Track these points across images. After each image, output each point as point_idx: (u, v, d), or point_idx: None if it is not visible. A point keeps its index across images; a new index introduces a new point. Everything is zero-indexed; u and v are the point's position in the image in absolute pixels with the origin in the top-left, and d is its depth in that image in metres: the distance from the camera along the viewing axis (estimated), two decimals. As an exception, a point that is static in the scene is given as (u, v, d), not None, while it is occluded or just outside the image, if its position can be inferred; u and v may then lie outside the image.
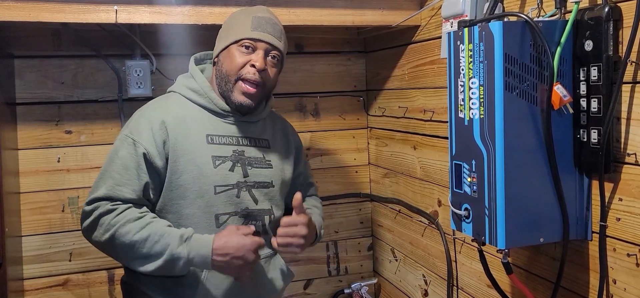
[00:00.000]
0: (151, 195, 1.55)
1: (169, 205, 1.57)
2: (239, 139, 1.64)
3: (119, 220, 1.47)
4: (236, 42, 1.59)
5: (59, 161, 2.21)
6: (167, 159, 1.54)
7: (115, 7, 1.74)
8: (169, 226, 1.52)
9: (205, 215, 1.57)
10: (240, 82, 1.58)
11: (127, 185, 1.51)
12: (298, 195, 1.58)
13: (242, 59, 1.58)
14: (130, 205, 1.51)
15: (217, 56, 1.64)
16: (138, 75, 2.13)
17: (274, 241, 1.58)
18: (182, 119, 1.58)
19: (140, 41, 2.14)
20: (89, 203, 1.52)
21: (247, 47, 1.58)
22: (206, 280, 1.56)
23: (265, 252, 1.65)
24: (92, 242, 1.54)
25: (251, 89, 1.58)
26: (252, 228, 1.57)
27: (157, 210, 1.58)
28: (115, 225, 1.47)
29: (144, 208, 1.54)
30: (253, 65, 1.57)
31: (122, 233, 1.47)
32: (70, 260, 2.23)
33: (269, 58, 1.61)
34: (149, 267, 1.48)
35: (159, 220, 1.52)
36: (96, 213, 1.49)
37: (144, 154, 1.52)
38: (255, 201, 1.63)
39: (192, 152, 1.56)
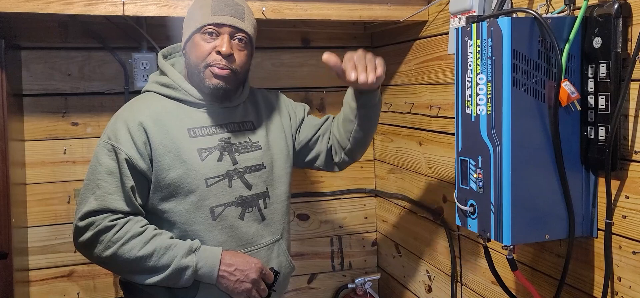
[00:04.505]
0: (137, 199, 1.50)
1: (161, 206, 1.53)
2: (222, 126, 1.60)
3: (121, 237, 1.45)
4: (198, 29, 1.52)
5: (65, 153, 2.22)
6: (150, 160, 1.50)
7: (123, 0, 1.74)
8: (172, 238, 1.50)
9: (200, 209, 1.54)
10: (208, 69, 1.52)
11: (117, 193, 1.47)
12: (327, 58, 1.47)
13: (207, 46, 1.52)
14: (129, 217, 1.48)
15: (184, 48, 1.59)
16: (144, 68, 2.14)
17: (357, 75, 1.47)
18: (159, 117, 1.53)
19: (147, 34, 2.14)
20: (83, 218, 1.47)
21: (210, 34, 1.51)
22: None
23: (266, 239, 1.64)
24: (90, 258, 1.50)
25: (222, 71, 1.52)
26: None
27: (148, 212, 1.54)
28: (117, 241, 1.45)
29: (144, 221, 1.51)
30: (219, 52, 1.51)
31: (126, 250, 1.45)
32: (75, 252, 2.23)
33: (235, 41, 1.54)
34: (153, 279, 1.47)
35: (163, 233, 1.50)
36: (94, 230, 1.45)
37: (126, 160, 1.48)
38: (249, 187, 1.61)
39: (175, 149, 1.52)
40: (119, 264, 1.47)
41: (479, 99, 1.34)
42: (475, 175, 1.38)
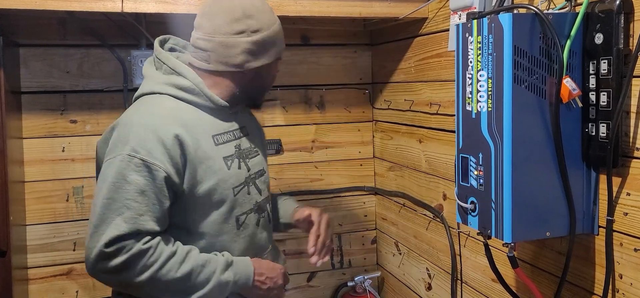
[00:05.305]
0: (167, 218, 1.42)
1: (189, 218, 1.44)
2: (234, 132, 1.55)
3: (157, 259, 1.35)
4: (280, 55, 1.55)
5: (63, 151, 2.21)
6: (183, 174, 1.40)
7: (122, -4, 1.73)
8: (201, 253, 1.44)
9: (227, 220, 1.48)
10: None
11: (148, 213, 1.34)
12: (305, 213, 1.66)
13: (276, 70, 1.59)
14: (159, 237, 1.37)
15: (256, 68, 1.49)
16: (143, 65, 2.12)
17: (316, 259, 1.62)
18: (189, 126, 1.43)
19: (146, 31, 2.14)
20: (110, 243, 1.31)
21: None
22: None
23: (270, 243, 1.64)
24: (117, 283, 1.40)
25: None
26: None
27: (171, 226, 1.44)
28: (152, 264, 1.34)
29: (171, 238, 1.41)
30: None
31: (163, 273, 1.35)
32: (74, 250, 2.24)
33: None
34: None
35: (193, 249, 1.42)
36: (126, 255, 1.32)
37: (166, 178, 1.35)
38: (260, 192, 1.59)
39: (206, 160, 1.43)
40: (156, 287, 1.38)
41: (480, 96, 1.34)
42: (475, 172, 1.38)
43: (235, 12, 1.45)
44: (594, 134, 1.31)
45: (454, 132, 1.47)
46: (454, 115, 1.47)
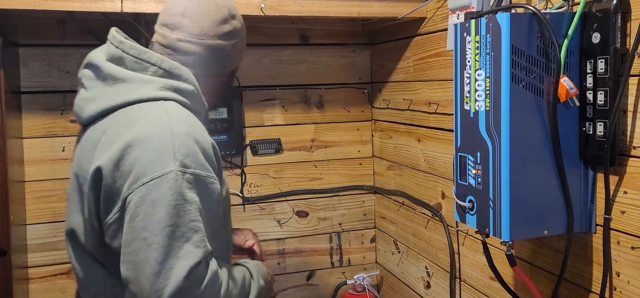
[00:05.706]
0: None
1: (213, 233, 1.31)
2: None
3: (223, 278, 1.25)
4: None
5: (63, 150, 2.21)
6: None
7: (121, -4, 1.74)
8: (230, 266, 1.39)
9: (230, 228, 1.47)
10: None
11: (206, 232, 1.21)
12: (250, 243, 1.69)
13: None
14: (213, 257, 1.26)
15: (231, 69, 1.45)
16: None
17: None
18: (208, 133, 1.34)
19: (145, 31, 2.14)
20: (189, 275, 1.15)
21: None
22: None
23: None
24: None
25: None
26: None
27: None
28: (222, 284, 1.24)
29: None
30: None
31: (231, 289, 1.27)
32: (74, 249, 2.24)
33: None
34: None
35: (227, 264, 1.36)
36: (204, 284, 1.18)
37: (219, 190, 1.25)
38: None
39: (221, 168, 1.33)
40: None
41: (478, 95, 1.34)
42: (474, 171, 1.39)
43: (223, 12, 1.36)
44: (591, 132, 1.31)
45: (452, 131, 1.48)
46: (452, 114, 1.47)
